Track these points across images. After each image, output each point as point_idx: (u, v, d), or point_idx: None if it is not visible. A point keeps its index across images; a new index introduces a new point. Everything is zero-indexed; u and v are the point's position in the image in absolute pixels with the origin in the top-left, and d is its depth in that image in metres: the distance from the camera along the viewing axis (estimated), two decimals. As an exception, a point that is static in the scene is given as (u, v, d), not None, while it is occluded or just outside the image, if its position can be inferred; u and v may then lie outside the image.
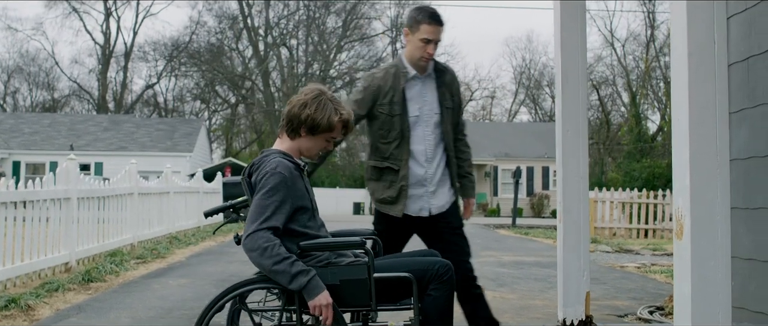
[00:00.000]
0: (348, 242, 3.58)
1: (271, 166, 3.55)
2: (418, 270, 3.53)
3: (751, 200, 5.42)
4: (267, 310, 3.64)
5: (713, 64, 3.03)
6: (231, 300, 3.52)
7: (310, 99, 3.66)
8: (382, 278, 3.50)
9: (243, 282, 3.54)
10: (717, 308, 2.98)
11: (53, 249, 9.31)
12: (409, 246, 4.42)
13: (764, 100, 5.26)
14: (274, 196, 3.47)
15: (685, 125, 3.02)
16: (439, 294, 3.51)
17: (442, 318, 3.51)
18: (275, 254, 3.37)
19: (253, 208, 3.49)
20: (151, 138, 39.75)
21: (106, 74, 57.04)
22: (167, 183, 15.45)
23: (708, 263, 2.98)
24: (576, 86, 4.82)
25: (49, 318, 6.68)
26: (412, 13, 4.46)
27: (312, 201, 3.69)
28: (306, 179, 3.77)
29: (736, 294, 5.61)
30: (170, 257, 12.04)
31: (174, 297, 7.86)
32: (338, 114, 3.66)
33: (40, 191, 8.93)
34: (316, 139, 3.69)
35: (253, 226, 3.43)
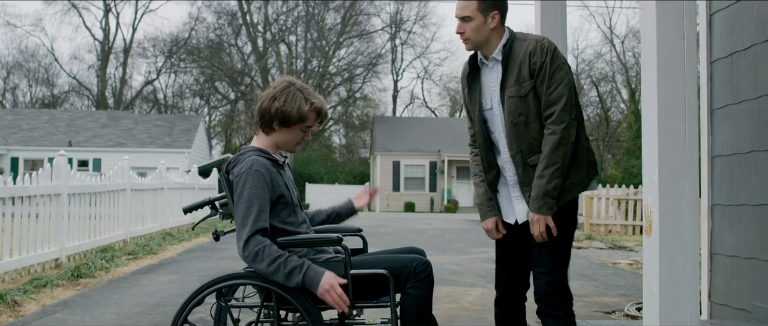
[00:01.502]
0: (324, 239, 3.54)
1: (247, 165, 3.54)
2: (396, 267, 3.50)
3: (734, 196, 5.43)
4: (245, 306, 3.64)
5: (682, 60, 3.01)
6: (209, 294, 3.51)
7: (278, 91, 3.64)
8: (360, 275, 3.49)
9: (223, 277, 3.53)
10: (685, 305, 2.96)
11: (43, 244, 9.31)
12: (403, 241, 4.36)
13: (747, 96, 5.27)
14: (254, 196, 3.45)
15: (654, 121, 3.00)
16: (417, 292, 3.48)
17: (419, 317, 3.47)
18: (267, 255, 3.37)
19: (238, 212, 3.47)
20: (149, 134, 39.71)
21: (106, 70, 57.03)
22: (161, 179, 15.43)
23: (676, 260, 2.97)
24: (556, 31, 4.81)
25: (34, 314, 6.67)
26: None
27: (292, 197, 3.67)
28: (287, 174, 3.76)
29: (719, 291, 5.62)
30: (162, 253, 12.03)
31: (161, 293, 7.86)
32: (309, 103, 3.63)
33: (29, 187, 8.92)
34: (290, 131, 3.66)
35: (243, 233, 3.41)
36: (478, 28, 3.63)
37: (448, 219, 28.16)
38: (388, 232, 18.13)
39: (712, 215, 5.70)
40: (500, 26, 3.66)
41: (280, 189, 3.58)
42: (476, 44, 3.68)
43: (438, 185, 42.07)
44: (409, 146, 42.61)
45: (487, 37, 3.65)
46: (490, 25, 3.63)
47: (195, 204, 3.98)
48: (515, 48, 3.59)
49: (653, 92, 3.02)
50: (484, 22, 3.62)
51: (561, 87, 3.44)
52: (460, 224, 23.11)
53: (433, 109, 61.89)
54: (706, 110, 5.75)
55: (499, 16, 3.64)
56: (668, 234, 2.98)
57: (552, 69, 3.46)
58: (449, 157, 41.32)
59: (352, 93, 56.97)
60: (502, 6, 3.67)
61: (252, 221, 3.42)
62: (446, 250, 13.37)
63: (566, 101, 3.42)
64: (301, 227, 3.66)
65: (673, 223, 2.98)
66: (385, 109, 59.83)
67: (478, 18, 3.62)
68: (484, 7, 3.61)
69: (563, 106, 3.42)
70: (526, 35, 3.65)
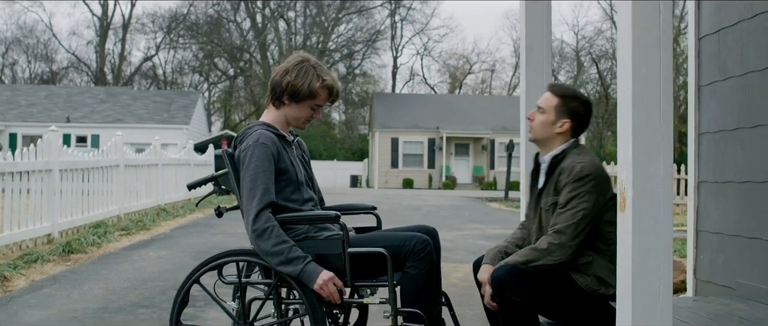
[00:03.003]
0: (322, 216, 3.52)
1: (254, 138, 3.51)
2: (395, 246, 3.47)
3: (720, 174, 5.41)
4: (253, 283, 3.62)
5: (658, 35, 2.97)
6: (210, 270, 3.51)
7: (291, 66, 3.61)
8: (358, 253, 3.46)
9: (222, 254, 3.54)
10: (658, 281, 2.94)
11: (35, 220, 9.31)
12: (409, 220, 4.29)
13: (734, 73, 5.24)
14: (260, 169, 3.43)
15: (628, 96, 2.97)
16: (416, 271, 3.45)
17: (418, 296, 3.44)
18: (275, 236, 3.36)
19: (244, 185, 3.45)
20: (147, 110, 39.68)
21: (104, 46, 56.93)
22: (156, 155, 15.42)
23: (649, 236, 2.94)
24: (540, 59, 4.77)
25: (22, 289, 6.68)
26: None
27: (298, 174, 3.62)
28: (294, 151, 3.72)
29: (704, 268, 5.62)
30: (155, 229, 12.04)
31: (151, 268, 7.87)
32: (320, 80, 3.59)
33: (19, 163, 8.91)
34: (300, 107, 3.62)
35: (251, 206, 3.39)
36: (545, 124, 3.71)
37: (444, 196, 28.17)
38: (383, 209, 18.13)
39: (699, 193, 5.68)
40: (567, 135, 3.72)
41: (284, 165, 3.54)
42: (537, 137, 3.76)
43: (436, 161, 42.07)
44: (407, 123, 42.57)
45: (549, 137, 3.72)
46: (558, 128, 3.69)
47: (199, 181, 3.96)
48: (563, 161, 3.64)
49: (628, 66, 2.99)
50: (554, 122, 3.69)
51: (571, 213, 3.49)
52: (456, 201, 23.13)
53: (433, 85, 61.79)
54: (694, 86, 5.71)
55: (569, 126, 3.69)
56: (641, 210, 2.96)
57: (571, 195, 3.51)
58: (448, 134, 41.29)
59: (351, 69, 56.89)
60: (578, 121, 3.71)
61: (260, 194, 3.40)
62: (440, 226, 13.35)
63: (573, 227, 3.48)
64: (306, 206, 3.62)
65: (647, 199, 2.96)
66: (385, 85, 59.77)
67: (550, 115, 3.69)
68: (560, 111, 3.68)
69: (565, 228, 3.49)
70: (581, 151, 3.68)
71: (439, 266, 3.76)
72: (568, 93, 3.73)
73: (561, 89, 3.75)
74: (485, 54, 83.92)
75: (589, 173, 3.52)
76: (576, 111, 3.70)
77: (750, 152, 5.00)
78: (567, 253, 3.50)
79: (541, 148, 3.80)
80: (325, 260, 3.47)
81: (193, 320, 5.43)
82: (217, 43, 54.06)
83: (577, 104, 3.71)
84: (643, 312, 2.96)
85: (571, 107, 3.69)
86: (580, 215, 3.48)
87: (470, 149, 42.89)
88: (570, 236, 3.48)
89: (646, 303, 2.96)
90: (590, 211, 3.49)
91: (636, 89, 2.97)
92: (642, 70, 2.97)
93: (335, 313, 3.75)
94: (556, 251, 3.49)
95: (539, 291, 3.50)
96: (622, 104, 3.05)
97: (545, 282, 3.52)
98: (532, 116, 3.77)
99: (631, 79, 2.98)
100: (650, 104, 2.97)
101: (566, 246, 3.49)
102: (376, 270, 3.51)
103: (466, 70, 60.91)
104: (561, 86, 3.79)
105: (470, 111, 43.11)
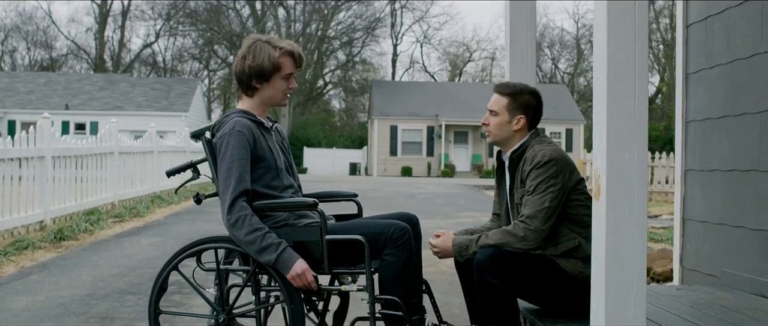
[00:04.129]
0: (300, 203, 3.50)
1: (229, 126, 3.50)
2: (373, 233, 3.46)
3: (706, 162, 5.40)
4: (233, 270, 3.62)
5: (634, 21, 2.95)
6: (187, 257, 3.50)
7: (246, 50, 3.60)
8: (336, 240, 3.45)
9: (201, 241, 3.54)
10: (631, 269, 2.94)
11: (27, 207, 9.31)
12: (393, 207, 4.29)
13: (720, 60, 5.22)
14: (235, 157, 3.42)
15: (603, 83, 2.96)
16: (394, 258, 3.45)
17: (396, 283, 3.44)
18: (248, 225, 3.36)
19: (220, 174, 3.44)
20: (146, 98, 39.63)
21: (104, 33, 56.83)
22: (152, 142, 15.41)
23: (624, 224, 2.94)
24: (524, 48, 4.75)
25: (10, 276, 6.69)
26: None
27: (276, 160, 3.61)
28: (273, 137, 3.71)
29: (690, 257, 5.62)
30: (148, 216, 12.05)
31: (141, 255, 7.87)
32: (277, 49, 3.57)
33: (11, 149, 8.90)
34: (272, 84, 3.60)
35: (226, 196, 3.39)
36: (501, 125, 3.76)
37: (441, 184, 28.18)
38: (379, 196, 18.15)
39: (686, 181, 5.68)
40: (525, 130, 3.77)
41: (262, 151, 3.53)
42: (496, 139, 3.82)
43: (435, 149, 42.04)
44: (406, 111, 42.51)
45: (508, 136, 3.78)
46: (514, 126, 3.75)
47: (177, 168, 3.95)
48: (526, 154, 3.69)
49: (603, 53, 2.97)
50: (509, 121, 3.75)
51: (539, 198, 3.52)
52: (453, 189, 23.14)
53: (433, 73, 61.70)
54: (682, 74, 5.70)
55: (525, 121, 3.75)
56: (615, 199, 2.95)
57: (537, 181, 3.55)
58: (447, 121, 41.26)
59: (351, 57, 56.75)
60: (532, 114, 3.77)
61: (234, 183, 3.39)
62: (435, 214, 13.39)
63: (543, 212, 3.51)
64: (285, 193, 3.60)
65: (621, 187, 2.95)
66: (385, 73, 59.67)
67: (504, 115, 3.75)
68: (512, 108, 3.74)
69: (536, 213, 3.51)
70: (542, 140, 3.73)
71: (420, 253, 3.76)
72: (515, 90, 3.78)
73: (507, 88, 3.80)
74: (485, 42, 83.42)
75: (551, 158, 3.56)
76: (528, 105, 3.76)
77: (735, 141, 4.99)
78: (540, 237, 3.53)
79: (503, 147, 3.85)
80: (304, 247, 3.47)
81: (180, 307, 5.44)
82: (217, 31, 53.92)
83: (527, 97, 3.77)
84: (617, 300, 2.95)
85: (522, 103, 3.75)
86: (548, 199, 3.52)
87: (469, 137, 42.86)
88: (541, 220, 3.51)
89: (620, 292, 2.95)
90: (557, 194, 3.53)
91: (611, 77, 2.96)
92: (618, 57, 2.96)
93: (314, 300, 3.75)
94: (531, 236, 3.52)
95: (520, 275, 3.52)
96: (597, 92, 3.04)
97: (527, 267, 3.53)
98: (486, 120, 3.82)
99: (606, 66, 2.96)
100: (625, 92, 2.96)
101: (539, 231, 3.52)
102: (355, 258, 3.50)
103: (466, 58, 60.81)
104: (506, 85, 3.83)
105: (470, 99, 43.03)
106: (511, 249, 3.52)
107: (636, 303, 2.96)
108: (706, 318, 3.83)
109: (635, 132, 2.96)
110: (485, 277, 3.46)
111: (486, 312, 3.58)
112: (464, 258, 3.66)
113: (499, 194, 3.99)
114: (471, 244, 3.63)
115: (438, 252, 3.77)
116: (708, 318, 3.86)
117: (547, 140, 3.75)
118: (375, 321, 3.45)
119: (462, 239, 3.71)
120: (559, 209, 3.54)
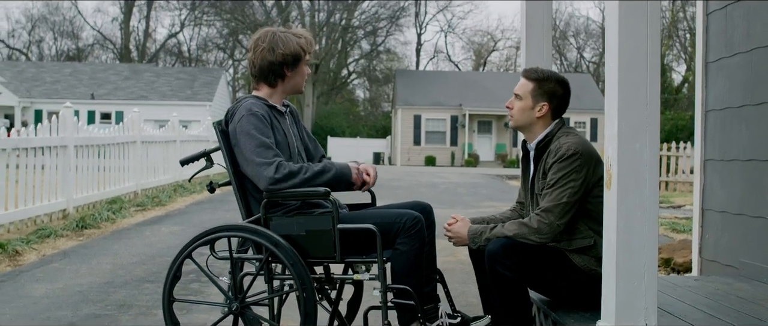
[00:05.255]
0: (312, 192, 3.49)
1: (245, 110, 3.54)
2: (386, 223, 3.47)
3: (726, 151, 5.34)
4: (246, 258, 3.64)
5: (645, 10, 2.92)
6: (201, 245, 3.52)
7: (269, 42, 3.63)
8: (348, 229, 3.45)
9: (214, 229, 3.55)
10: (642, 259, 2.92)
11: (50, 196, 9.40)
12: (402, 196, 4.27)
13: (740, 49, 5.15)
14: (259, 131, 3.47)
15: (615, 72, 2.93)
16: (406, 248, 3.45)
17: (409, 273, 3.45)
18: (300, 172, 3.46)
19: (247, 148, 3.47)
20: (171, 87, 39.87)
21: (129, 23, 57.17)
22: (174, 132, 15.50)
23: (634, 213, 2.92)
24: (540, 36, 4.72)
25: (31, 263, 6.76)
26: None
27: (290, 144, 3.64)
28: (287, 121, 3.74)
29: (709, 247, 5.56)
30: (170, 205, 12.13)
31: (161, 243, 7.93)
32: (300, 37, 3.69)
33: (33, 138, 8.99)
34: (299, 70, 3.70)
35: (268, 158, 3.43)
36: (523, 109, 3.70)
37: (465, 173, 28.12)
38: (401, 186, 18.14)
39: (705, 171, 5.61)
40: (548, 118, 3.70)
41: (278, 136, 3.58)
42: (517, 124, 3.76)
43: (459, 139, 41.94)
44: (430, 100, 42.42)
45: (530, 122, 3.71)
46: (537, 113, 3.68)
47: (190, 157, 3.97)
48: (551, 144, 3.62)
49: (615, 42, 2.95)
50: (532, 107, 3.68)
51: (558, 193, 3.47)
52: (475, 178, 23.09)
53: (457, 63, 61.52)
54: (702, 63, 5.63)
55: (548, 108, 3.67)
56: (626, 188, 2.93)
57: (558, 175, 3.49)
58: (471, 111, 41.13)
59: (375, 47, 56.65)
60: (556, 102, 3.70)
61: (271, 149, 3.46)
62: (455, 204, 13.36)
63: (560, 206, 3.45)
64: None
65: (632, 176, 2.93)
66: (409, 63, 59.56)
67: (527, 100, 3.69)
68: (537, 94, 3.67)
69: (553, 207, 3.46)
70: (568, 131, 3.66)
71: (434, 242, 3.75)
72: (542, 76, 3.71)
73: (535, 73, 3.73)
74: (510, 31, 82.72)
75: (575, 152, 3.49)
76: (553, 92, 3.68)
77: (755, 130, 4.93)
78: (555, 232, 3.49)
79: (526, 134, 3.79)
80: (317, 235, 3.47)
81: (198, 295, 5.48)
82: (241, 20, 54.01)
83: (553, 85, 3.69)
84: (628, 290, 2.94)
85: (547, 89, 3.68)
86: (567, 195, 3.46)
87: (493, 127, 42.71)
88: (557, 215, 3.46)
89: (631, 282, 2.94)
90: (577, 190, 3.47)
91: (622, 65, 2.93)
92: (629, 46, 2.93)
93: (326, 288, 3.76)
94: (545, 229, 3.47)
95: (532, 267, 3.49)
96: (609, 80, 3.01)
97: (539, 259, 3.51)
98: (510, 104, 3.77)
99: (617, 54, 2.94)
100: (637, 80, 2.94)
101: (554, 225, 3.47)
102: (368, 247, 3.50)
103: (490, 47, 60.56)
104: (535, 70, 3.76)
105: (494, 88, 42.82)
106: (525, 241, 3.49)
107: (647, 294, 2.94)
108: (721, 309, 3.79)
109: (647, 122, 2.94)
110: (496, 268, 3.45)
111: (498, 302, 3.57)
112: (477, 245, 3.64)
113: (523, 183, 3.96)
114: (485, 231, 3.61)
115: (453, 238, 3.75)
116: (724, 309, 3.82)
117: (573, 131, 3.69)
118: (387, 310, 3.45)
119: (477, 226, 3.70)
120: (577, 204, 3.49)
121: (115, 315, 4.96)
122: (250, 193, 3.63)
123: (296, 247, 3.42)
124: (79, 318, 4.87)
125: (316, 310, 3.47)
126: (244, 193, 3.65)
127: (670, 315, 3.59)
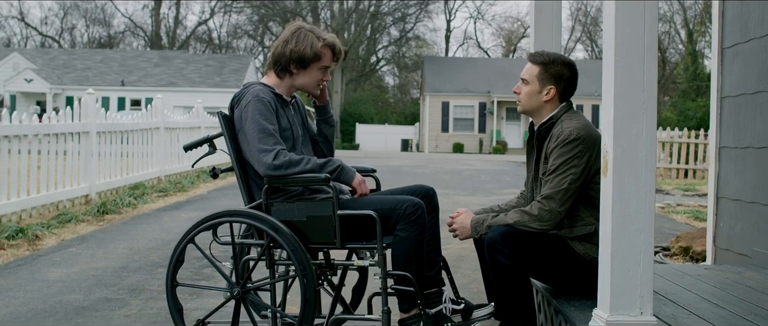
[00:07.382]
0: (312, 178, 3.50)
1: (252, 95, 3.56)
2: (386, 209, 3.47)
3: (740, 139, 5.26)
4: (249, 243, 3.66)
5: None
6: (204, 230, 3.54)
7: (289, 35, 3.67)
8: (348, 215, 3.46)
9: (216, 214, 3.58)
10: (638, 247, 2.88)
11: (72, 181, 9.50)
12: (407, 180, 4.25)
13: (755, 34, 5.07)
14: (263, 118, 3.49)
15: (611, 57, 2.89)
16: (406, 234, 3.45)
17: (408, 260, 3.45)
18: (300, 161, 3.46)
19: (251, 135, 3.49)
20: (200, 74, 40.10)
21: (159, 10, 57.56)
22: (198, 118, 15.59)
23: (631, 201, 2.88)
24: (550, 20, 4.68)
25: (49, 248, 6.84)
26: None
27: (294, 132, 3.66)
28: (291, 111, 3.74)
29: (723, 236, 5.49)
30: (192, 190, 12.21)
31: (179, 229, 7.98)
32: (321, 40, 3.66)
33: (55, 125, 9.08)
34: (308, 72, 3.68)
35: (269, 145, 3.45)
36: (531, 94, 3.67)
37: (490, 160, 28.01)
38: (425, 172, 18.11)
39: (720, 158, 5.54)
40: (556, 101, 3.66)
41: (284, 123, 3.60)
42: (525, 109, 3.73)
43: (487, 126, 41.77)
44: (458, 87, 42.26)
45: (538, 106, 3.68)
46: (544, 96, 3.65)
47: (194, 142, 3.99)
48: (554, 127, 3.59)
49: (611, 27, 2.90)
50: (539, 91, 3.65)
51: (559, 178, 3.44)
52: (501, 166, 22.99)
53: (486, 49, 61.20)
54: (718, 49, 5.55)
55: (555, 92, 3.64)
56: (622, 175, 2.89)
57: (559, 160, 3.45)
58: (499, 98, 40.92)
59: (404, 33, 56.53)
60: (563, 85, 3.66)
61: (269, 137, 3.47)
62: (477, 191, 13.31)
63: (561, 193, 3.43)
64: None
65: (628, 163, 2.89)
66: (438, 49, 59.34)
67: (534, 84, 3.66)
68: (543, 78, 3.64)
69: (554, 193, 3.44)
70: (572, 115, 3.62)
71: (438, 225, 3.74)
72: (548, 59, 3.67)
73: (541, 56, 3.69)
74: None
75: (577, 136, 3.45)
76: (560, 75, 3.64)
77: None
78: (556, 219, 3.46)
79: (534, 118, 3.75)
80: (317, 222, 3.48)
81: (210, 280, 5.52)
82: (270, 7, 54.16)
83: (559, 67, 3.64)
84: (623, 277, 2.90)
85: (554, 73, 3.63)
86: (568, 181, 3.42)
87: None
88: (559, 202, 3.43)
89: (626, 270, 2.90)
90: (579, 176, 3.43)
91: (619, 50, 2.89)
92: (626, 31, 2.89)
93: (328, 273, 3.77)
94: (547, 216, 3.44)
95: (531, 255, 3.46)
96: (605, 66, 2.97)
97: (539, 247, 3.48)
98: (517, 89, 3.74)
99: (613, 39, 2.90)
100: (633, 66, 2.89)
101: (556, 212, 3.44)
102: (370, 233, 3.50)
103: (520, 34, 60.14)
104: (541, 54, 3.72)
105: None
106: (526, 228, 3.46)
107: (643, 280, 2.90)
108: (727, 299, 3.74)
109: (643, 107, 2.89)
110: (495, 256, 3.43)
111: (499, 289, 3.55)
112: (479, 234, 3.61)
113: (527, 165, 3.91)
114: (486, 219, 3.59)
115: (456, 230, 3.72)
116: (729, 298, 3.77)
117: (578, 114, 3.64)
118: (387, 296, 3.45)
119: (479, 216, 3.67)
120: (579, 190, 3.45)
121: (126, 299, 5.01)
122: (252, 179, 3.65)
123: (297, 233, 3.44)
124: (90, 302, 4.93)
125: (318, 296, 3.47)
126: (246, 179, 3.67)
127: (673, 304, 3.56)
